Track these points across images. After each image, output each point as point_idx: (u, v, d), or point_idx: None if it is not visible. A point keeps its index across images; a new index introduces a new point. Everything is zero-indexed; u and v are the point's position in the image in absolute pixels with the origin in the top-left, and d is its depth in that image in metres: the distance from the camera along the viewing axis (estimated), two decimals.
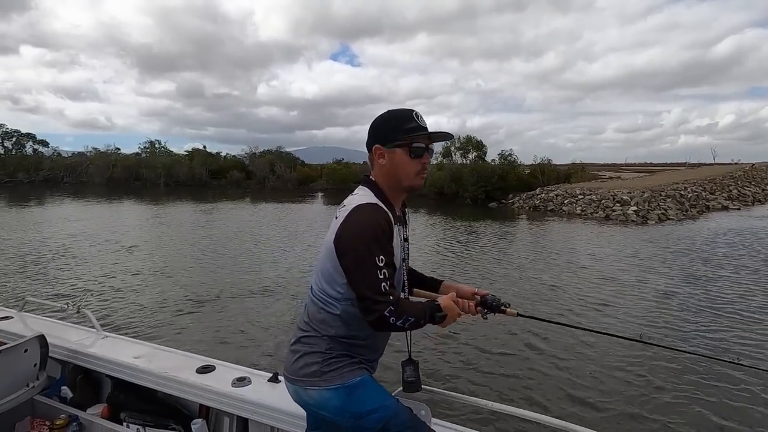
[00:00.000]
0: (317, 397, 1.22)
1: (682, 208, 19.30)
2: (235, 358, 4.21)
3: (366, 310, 1.13)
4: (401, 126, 1.22)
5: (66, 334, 2.37)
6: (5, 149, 44.55)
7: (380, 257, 1.12)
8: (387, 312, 1.11)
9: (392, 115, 1.25)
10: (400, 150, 1.22)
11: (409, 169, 1.23)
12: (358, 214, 1.16)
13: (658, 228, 15.37)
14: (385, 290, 1.11)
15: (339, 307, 1.21)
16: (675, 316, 6.02)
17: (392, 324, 1.13)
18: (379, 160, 1.25)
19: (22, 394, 2.02)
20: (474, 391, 3.90)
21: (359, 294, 1.14)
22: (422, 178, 1.26)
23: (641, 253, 10.55)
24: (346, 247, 1.14)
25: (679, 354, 4.51)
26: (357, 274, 1.13)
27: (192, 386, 1.88)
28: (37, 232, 12.45)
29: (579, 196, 21.35)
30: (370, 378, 1.26)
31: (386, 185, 1.25)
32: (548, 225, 16.86)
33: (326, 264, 1.21)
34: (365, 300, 1.12)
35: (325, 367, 1.21)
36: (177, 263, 8.85)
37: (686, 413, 3.64)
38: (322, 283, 1.24)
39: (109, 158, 41.35)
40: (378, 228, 1.13)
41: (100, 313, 5.56)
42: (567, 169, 31.40)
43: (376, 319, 1.12)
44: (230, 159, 43.08)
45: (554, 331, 5.31)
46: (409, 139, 1.21)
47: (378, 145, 1.24)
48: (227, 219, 16.98)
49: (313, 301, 1.27)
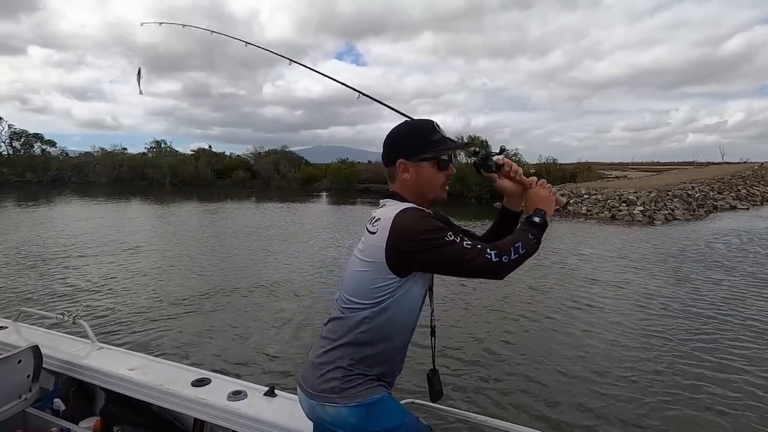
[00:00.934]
0: (334, 414, 1.19)
1: (689, 208, 19.10)
2: (231, 371, 4.19)
3: (475, 274, 1.13)
4: (427, 139, 1.22)
5: (60, 344, 2.35)
6: (14, 149, 45.01)
7: (448, 233, 1.12)
8: (494, 257, 1.10)
9: (416, 128, 1.25)
10: (426, 163, 1.22)
11: (437, 181, 1.24)
12: (403, 218, 1.14)
13: (665, 228, 15.23)
14: (472, 244, 1.12)
15: (368, 312, 1.19)
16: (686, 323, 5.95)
17: (506, 262, 1.12)
18: (403, 175, 1.23)
19: (14, 406, 2.00)
20: (474, 407, 3.86)
21: (458, 269, 1.12)
22: (446, 190, 1.27)
23: (646, 255, 10.45)
24: (410, 249, 1.12)
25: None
26: (440, 263, 1.12)
27: (187, 399, 1.86)
28: (40, 234, 12.47)
29: (584, 195, 21.21)
30: (389, 396, 1.24)
31: (412, 200, 1.24)
32: (553, 225, 16.75)
33: (362, 277, 1.19)
34: (469, 268, 1.11)
35: (345, 384, 1.18)
36: (177, 268, 8.77)
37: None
38: (353, 295, 1.21)
39: (115, 158, 41.69)
40: (431, 218, 1.15)
41: (96, 321, 5.51)
42: (572, 168, 31.26)
43: (491, 268, 1.11)
44: (235, 159, 43.26)
45: (558, 339, 5.27)
46: (436, 152, 1.21)
47: (402, 160, 1.22)
48: (231, 219, 17.02)
49: (340, 309, 1.25)
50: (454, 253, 1.11)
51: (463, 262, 1.11)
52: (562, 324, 5.75)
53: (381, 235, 1.15)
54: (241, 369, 4.39)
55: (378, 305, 1.17)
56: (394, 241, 1.13)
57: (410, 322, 1.26)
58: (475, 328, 5.59)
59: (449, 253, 1.11)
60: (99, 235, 12.46)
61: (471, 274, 1.13)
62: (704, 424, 3.57)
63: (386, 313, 1.18)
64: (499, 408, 3.76)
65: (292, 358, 4.69)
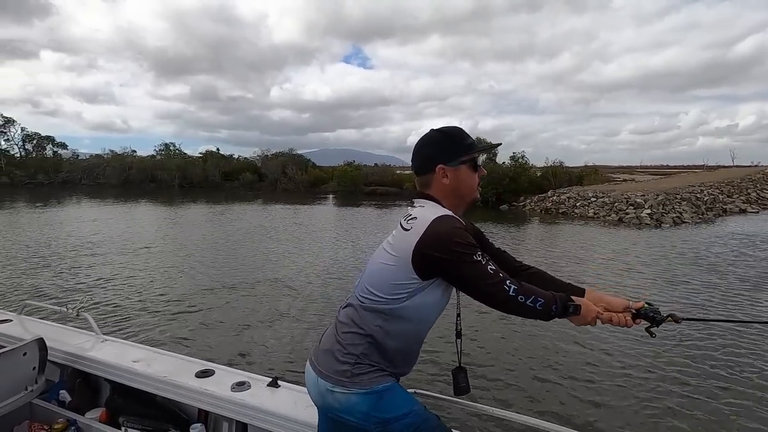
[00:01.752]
0: (344, 400, 1.20)
1: (697, 212, 18.93)
2: (235, 362, 4.27)
3: (487, 299, 1.15)
4: (463, 143, 1.28)
5: (65, 337, 2.38)
6: (26, 151, 45.75)
7: (477, 252, 1.15)
8: (512, 291, 1.13)
9: (450, 134, 1.30)
10: (464, 166, 1.28)
11: (473, 183, 1.31)
12: (441, 225, 1.17)
13: (673, 231, 15.11)
14: (495, 271, 1.14)
15: (385, 307, 1.21)
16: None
17: (521, 301, 1.13)
18: (442, 180, 1.27)
19: (21, 397, 2.02)
20: (476, 397, 3.88)
21: (477, 290, 1.15)
22: (479, 190, 1.34)
23: (652, 257, 10.38)
24: (438, 258, 1.14)
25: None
26: (462, 278, 1.16)
27: (191, 390, 1.88)
28: (49, 233, 12.66)
29: (591, 198, 21.10)
30: (398, 384, 1.26)
31: (448, 203, 1.27)
32: (559, 228, 16.69)
33: (388, 270, 1.21)
34: (486, 291, 1.14)
35: (356, 370, 1.20)
36: (183, 265, 8.89)
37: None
38: (376, 288, 1.23)
39: (125, 160, 42.18)
40: (465, 233, 1.18)
41: (100, 314, 5.59)
42: (579, 171, 31.07)
43: (504, 299, 1.13)
44: (243, 161, 43.58)
45: (572, 338, 5.28)
46: (471, 154, 1.28)
47: (441, 165, 1.26)
48: (238, 221, 17.16)
49: (359, 297, 1.27)
50: (477, 272, 1.13)
51: (482, 284, 1.14)
52: (559, 325, 5.75)
53: (414, 234, 1.17)
54: (244, 360, 4.47)
55: (396, 302, 1.20)
56: (425, 244, 1.15)
57: (426, 325, 1.28)
58: (479, 326, 5.61)
59: (473, 270, 1.13)
60: (106, 234, 12.65)
61: (483, 296, 1.15)
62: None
63: (403, 311, 1.20)
64: (505, 402, 3.79)
65: (295, 349, 4.77)
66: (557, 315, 1.19)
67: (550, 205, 22.49)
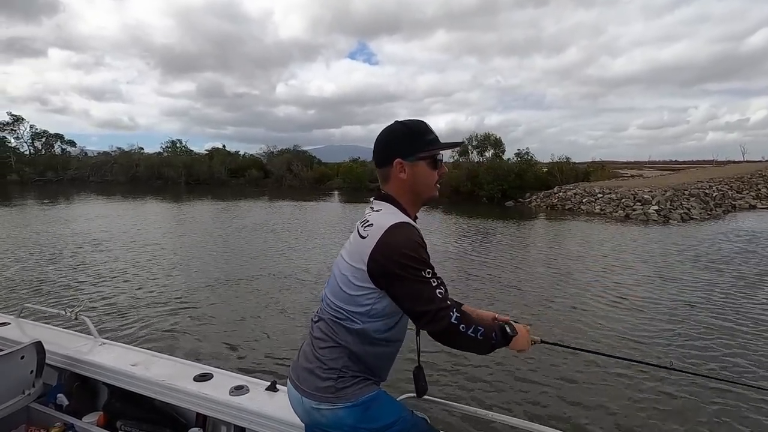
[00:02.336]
0: (330, 416, 1.19)
1: (706, 208, 18.71)
2: (234, 366, 4.23)
3: (430, 323, 1.09)
4: (423, 138, 1.23)
5: (63, 340, 2.37)
6: (35, 149, 46.28)
7: (428, 270, 1.11)
8: (454, 319, 1.09)
9: (411, 128, 1.25)
10: (423, 162, 1.23)
11: (431, 180, 1.25)
12: (394, 234, 1.13)
13: (681, 228, 14.95)
14: (443, 295, 1.10)
15: (358, 323, 1.18)
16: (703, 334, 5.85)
17: (463, 332, 1.10)
18: (400, 174, 1.22)
19: (18, 401, 2.01)
20: (473, 400, 3.88)
21: (417, 311, 1.10)
22: (437, 188, 1.28)
23: (661, 256, 10.29)
24: (390, 270, 1.10)
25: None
26: (409, 291, 1.10)
27: (189, 394, 1.87)
28: (53, 232, 12.65)
29: (598, 194, 20.92)
30: (383, 393, 1.25)
31: (406, 199, 1.24)
32: (565, 224, 16.58)
33: (347, 281, 1.19)
34: (426, 314, 1.09)
35: (339, 384, 1.19)
36: (183, 266, 8.78)
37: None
38: (339, 299, 1.21)
39: (132, 157, 42.58)
40: (419, 245, 1.13)
41: (98, 317, 5.54)
42: (586, 167, 30.83)
43: (445, 327, 1.09)
44: (248, 158, 43.80)
45: (555, 331, 5.25)
46: (432, 151, 1.23)
47: (399, 159, 1.22)
48: (242, 218, 17.22)
49: (329, 313, 1.24)
50: (425, 293, 1.10)
51: (429, 309, 1.09)
52: (565, 325, 5.73)
53: (369, 243, 1.14)
54: (243, 364, 4.44)
55: (366, 314, 1.17)
56: (378, 254, 1.12)
57: (401, 329, 1.26)
58: None
59: (421, 290, 1.10)
60: (110, 233, 12.67)
61: (423, 318, 1.11)
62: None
63: (375, 321, 1.18)
64: (494, 402, 3.78)
65: (294, 353, 4.74)
66: (497, 344, 1.17)
67: (556, 201, 22.35)
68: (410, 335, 1.34)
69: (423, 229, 1.19)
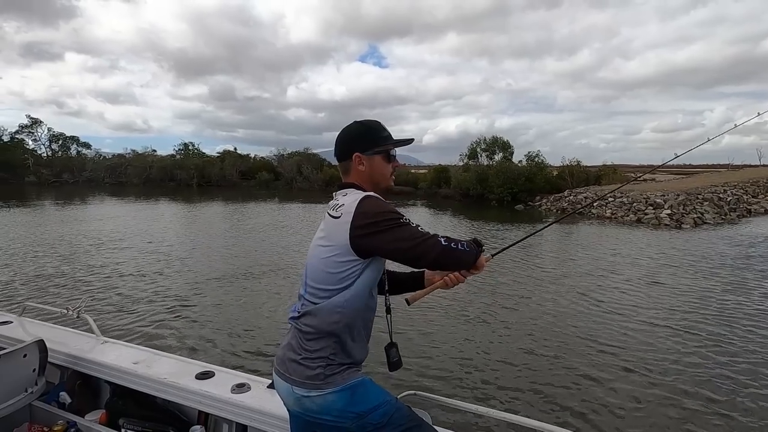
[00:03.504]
0: (321, 402, 1.25)
1: (720, 212, 18.43)
2: (235, 364, 4.27)
3: (424, 254, 1.22)
4: (379, 135, 1.40)
5: (65, 339, 2.38)
6: (52, 151, 47.25)
7: (404, 218, 1.25)
8: (444, 241, 1.23)
9: (368, 126, 1.42)
10: (378, 156, 1.40)
11: (386, 171, 1.42)
12: (367, 203, 1.26)
13: (693, 232, 14.76)
14: (424, 230, 1.25)
15: (338, 298, 1.27)
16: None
17: (455, 248, 1.24)
18: (358, 167, 1.38)
19: (21, 399, 2.02)
20: (475, 398, 3.89)
21: (408, 248, 1.22)
22: (393, 180, 1.44)
23: (672, 259, 10.18)
24: (372, 229, 1.22)
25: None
26: (397, 240, 1.22)
27: (191, 392, 1.88)
28: (61, 231, 12.76)
29: (609, 198, 20.73)
30: (369, 379, 1.33)
31: (367, 188, 1.37)
32: (573, 228, 16.47)
33: (330, 261, 1.27)
34: (418, 247, 1.21)
35: (328, 371, 1.26)
36: (186, 266, 8.80)
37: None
38: (322, 282, 1.29)
39: (146, 159, 43.26)
40: (389, 205, 1.28)
41: (100, 317, 5.56)
42: (597, 170, 30.52)
43: (440, 250, 1.22)
44: (259, 160, 44.20)
45: (561, 333, 5.26)
46: (386, 146, 1.40)
47: (358, 153, 1.38)
48: (251, 219, 17.39)
49: (310, 301, 1.31)
50: (408, 232, 1.23)
51: (416, 242, 1.22)
52: (572, 327, 5.72)
53: (345, 218, 1.26)
54: (244, 362, 4.45)
55: (346, 288, 1.26)
56: (357, 222, 1.23)
57: (374, 301, 1.36)
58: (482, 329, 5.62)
59: (405, 232, 1.23)
60: (117, 233, 12.71)
61: (419, 254, 1.22)
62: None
63: (355, 295, 1.27)
64: (499, 401, 3.81)
65: None
66: (478, 252, 1.31)
67: (567, 204, 22.20)
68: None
69: (432, 231, 1.28)
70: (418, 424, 1.33)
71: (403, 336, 5.08)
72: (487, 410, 1.52)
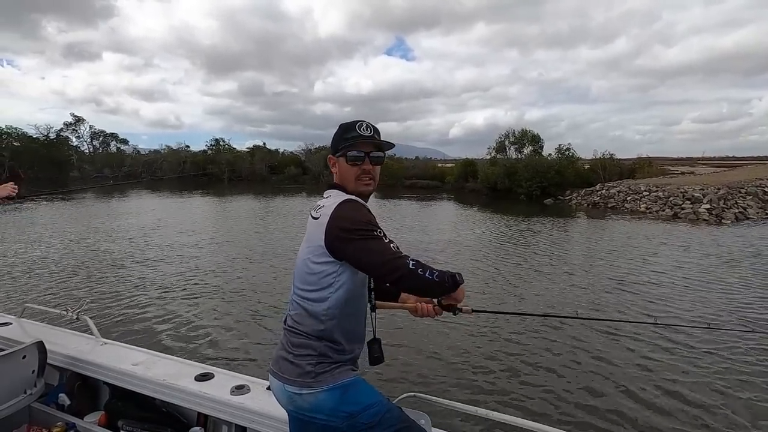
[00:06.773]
0: (312, 400, 1.26)
1: (765, 207, 17.50)
2: (234, 366, 4.23)
3: (389, 272, 1.18)
4: (343, 136, 1.36)
5: (65, 340, 2.37)
6: (94, 147, 49.53)
7: (378, 230, 1.22)
8: (411, 264, 1.18)
9: (340, 127, 1.39)
10: (342, 158, 1.37)
11: (350, 174, 1.36)
12: (344, 208, 1.26)
13: (735, 229, 14.08)
14: (396, 248, 1.21)
15: (325, 301, 1.28)
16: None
17: (421, 275, 1.18)
18: (332, 169, 1.41)
19: (20, 401, 2.01)
20: (474, 400, 3.81)
21: (375, 262, 1.19)
22: (365, 184, 1.37)
23: (710, 258, 9.79)
24: (345, 235, 1.22)
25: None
26: (365, 251, 1.20)
27: (190, 394, 1.88)
28: (67, 230, 12.50)
29: (644, 192, 20.03)
30: (361, 378, 1.33)
31: (345, 189, 1.37)
32: (605, 221, 16.02)
33: (310, 263, 1.29)
34: (384, 264, 1.18)
35: (319, 369, 1.27)
36: (189, 265, 8.56)
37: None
38: (306, 283, 1.31)
39: (179, 155, 44.77)
40: (366, 213, 1.27)
41: (100, 318, 5.49)
42: (631, 163, 29.47)
43: (405, 273, 1.17)
44: (288, 155, 44.99)
45: (553, 336, 5.19)
46: (344, 148, 1.35)
47: (330, 155, 1.41)
48: (274, 215, 17.48)
49: (299, 304, 1.34)
50: (379, 247, 1.20)
51: (386, 259, 1.19)
52: (594, 331, 5.64)
53: (323, 221, 1.26)
54: (243, 364, 4.42)
55: (330, 290, 1.27)
56: (333, 224, 1.24)
57: (363, 300, 1.37)
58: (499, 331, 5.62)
59: (376, 245, 1.20)
60: (126, 231, 12.41)
61: (385, 271, 1.19)
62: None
63: (341, 297, 1.28)
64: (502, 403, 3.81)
65: None
66: (449, 288, 1.24)
67: (599, 199, 21.59)
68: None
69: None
70: (409, 426, 1.32)
71: (404, 336, 5.01)
72: (487, 412, 1.51)
